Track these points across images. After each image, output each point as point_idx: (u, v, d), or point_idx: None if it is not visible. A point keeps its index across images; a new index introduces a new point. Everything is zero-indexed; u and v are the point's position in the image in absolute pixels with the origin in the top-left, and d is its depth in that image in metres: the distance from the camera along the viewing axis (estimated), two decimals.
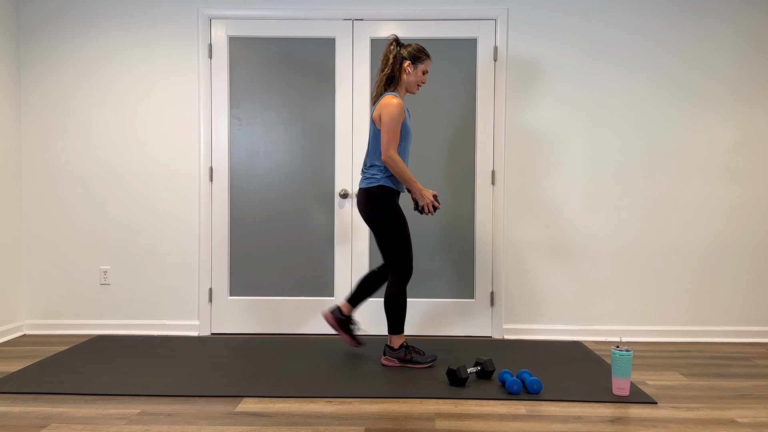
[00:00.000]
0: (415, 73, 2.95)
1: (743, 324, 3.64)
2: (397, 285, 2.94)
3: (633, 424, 2.29)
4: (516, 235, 3.66)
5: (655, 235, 3.63)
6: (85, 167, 3.69)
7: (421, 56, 2.94)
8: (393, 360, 3.00)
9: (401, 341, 3.00)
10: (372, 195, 2.91)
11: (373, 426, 2.26)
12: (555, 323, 3.67)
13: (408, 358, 2.98)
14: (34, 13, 3.66)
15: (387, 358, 3.01)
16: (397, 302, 2.95)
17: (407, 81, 2.95)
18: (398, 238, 2.90)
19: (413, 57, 2.93)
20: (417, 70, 2.95)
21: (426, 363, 2.98)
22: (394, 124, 2.82)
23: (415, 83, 2.97)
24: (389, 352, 3.00)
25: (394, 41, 2.96)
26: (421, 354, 3.00)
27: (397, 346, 2.99)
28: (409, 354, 2.98)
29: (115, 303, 3.72)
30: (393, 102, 2.84)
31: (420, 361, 2.97)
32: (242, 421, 2.30)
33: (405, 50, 2.94)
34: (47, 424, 2.27)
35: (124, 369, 2.94)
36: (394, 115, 2.82)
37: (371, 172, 2.95)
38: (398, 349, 2.99)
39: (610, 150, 3.63)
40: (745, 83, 3.59)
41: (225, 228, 3.69)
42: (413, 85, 2.97)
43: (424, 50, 2.96)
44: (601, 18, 3.60)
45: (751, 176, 3.61)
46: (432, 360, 2.99)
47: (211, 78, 3.66)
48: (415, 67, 2.94)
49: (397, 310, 2.95)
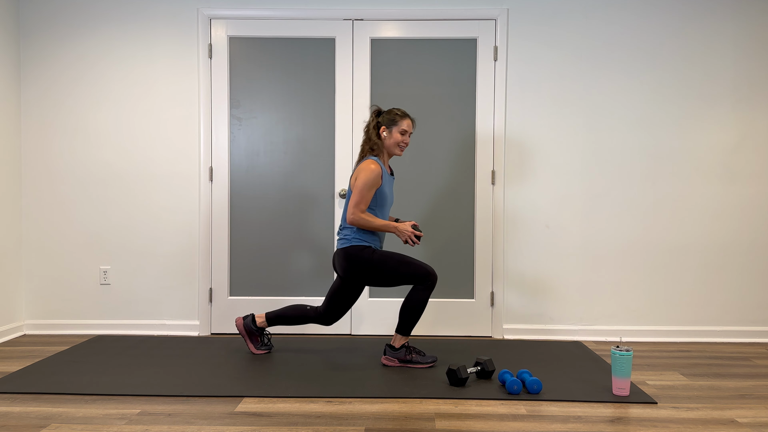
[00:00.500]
0: (391, 136, 2.98)
1: (743, 324, 3.64)
2: (424, 292, 2.94)
3: (633, 424, 2.29)
4: (516, 236, 3.66)
5: (655, 235, 3.63)
6: (85, 167, 3.69)
7: (395, 119, 2.97)
8: (393, 360, 3.00)
9: (403, 342, 3.00)
10: (348, 254, 2.96)
11: (373, 426, 2.26)
12: (555, 323, 3.67)
13: (408, 358, 2.98)
14: (34, 12, 3.66)
15: (387, 358, 3.01)
16: (417, 307, 2.95)
17: (387, 145, 2.99)
18: (396, 269, 2.92)
19: (387, 121, 2.98)
20: (392, 132, 2.98)
21: (426, 363, 2.98)
22: (366, 188, 2.88)
23: (395, 144, 2.99)
24: (390, 351, 3.01)
25: (375, 113, 3.04)
26: (422, 354, 3.00)
27: (398, 345, 3.00)
28: (409, 354, 2.99)
29: (115, 303, 3.72)
30: (370, 167, 2.89)
31: (420, 361, 2.98)
32: (242, 421, 2.30)
33: (382, 117, 3.00)
34: (47, 424, 2.27)
35: (124, 369, 2.94)
36: (368, 180, 2.87)
37: (344, 233, 3.00)
38: (399, 349, 3.00)
39: (610, 150, 3.63)
40: (746, 83, 3.59)
41: (225, 228, 3.69)
42: (394, 147, 2.99)
43: (399, 112, 2.99)
44: (601, 18, 3.60)
45: (751, 176, 3.61)
46: (432, 361, 2.99)
47: (211, 78, 3.66)
48: (390, 131, 2.98)
49: (415, 314, 2.96)
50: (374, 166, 2.90)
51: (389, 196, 3.01)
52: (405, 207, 3.67)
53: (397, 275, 2.93)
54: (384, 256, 2.95)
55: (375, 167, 2.89)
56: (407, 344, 3.01)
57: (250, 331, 3.20)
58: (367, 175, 2.87)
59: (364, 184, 2.87)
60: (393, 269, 2.93)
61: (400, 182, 3.67)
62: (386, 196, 2.98)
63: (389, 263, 2.93)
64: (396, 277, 2.94)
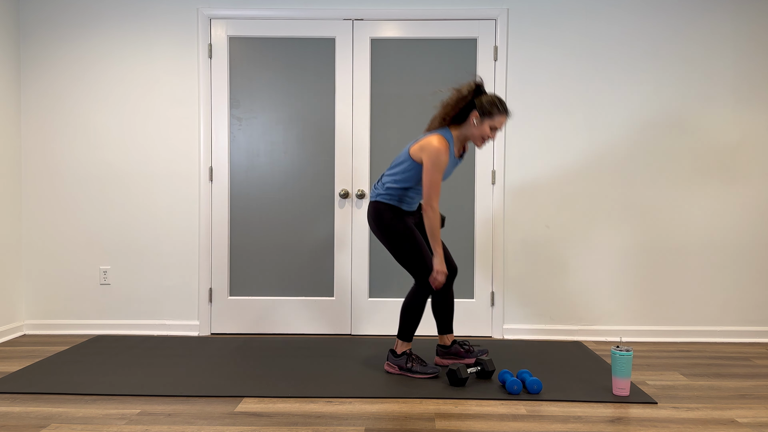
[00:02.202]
0: (480, 128, 2.69)
1: (743, 324, 3.64)
2: (422, 293, 2.82)
3: (633, 424, 2.29)
4: (516, 235, 3.66)
5: (655, 235, 3.63)
6: (85, 167, 3.69)
7: (492, 111, 2.67)
8: (394, 367, 2.88)
9: (405, 348, 2.88)
10: (376, 209, 2.83)
11: (373, 426, 2.26)
12: (555, 323, 3.67)
13: (408, 366, 2.83)
14: (34, 13, 3.66)
15: (389, 364, 2.90)
16: (412, 310, 2.82)
17: (469, 131, 2.73)
18: (410, 249, 2.78)
19: (483, 109, 2.67)
20: (484, 124, 2.69)
21: (426, 374, 2.81)
22: (435, 172, 2.63)
23: (479, 136, 2.71)
24: (391, 357, 2.89)
25: (477, 86, 2.70)
26: (423, 364, 2.84)
27: (399, 352, 2.88)
28: (409, 362, 2.83)
29: (115, 303, 3.72)
30: (434, 147, 2.62)
31: (420, 371, 2.81)
32: (242, 421, 2.30)
33: (482, 98, 2.69)
34: (47, 424, 2.26)
35: (124, 369, 2.94)
36: (436, 163, 2.62)
37: (385, 189, 2.81)
38: (400, 356, 2.87)
39: (610, 149, 3.62)
40: (746, 83, 3.59)
41: (225, 228, 3.69)
42: (476, 138, 2.72)
43: (498, 105, 2.67)
44: (601, 18, 3.60)
45: (751, 176, 3.61)
46: (433, 372, 2.81)
47: (211, 78, 3.66)
48: (481, 121, 2.68)
49: (411, 317, 2.83)
50: (439, 144, 2.61)
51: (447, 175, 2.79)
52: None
53: (405, 252, 2.77)
54: (404, 230, 2.77)
55: (443, 147, 2.61)
56: (409, 351, 2.87)
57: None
58: (435, 156, 2.61)
59: (432, 166, 2.61)
60: (406, 243, 2.76)
61: None
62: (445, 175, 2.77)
63: (409, 235, 2.76)
64: (403, 253, 2.77)
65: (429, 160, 2.64)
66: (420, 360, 2.86)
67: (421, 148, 2.69)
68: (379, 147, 3.67)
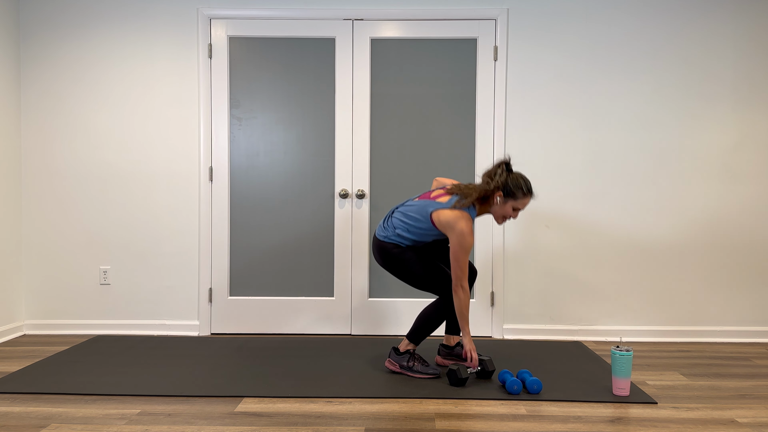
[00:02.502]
0: (502, 207, 2.71)
1: (743, 324, 3.64)
2: (442, 307, 2.82)
3: (633, 424, 2.29)
4: (516, 236, 3.66)
5: (655, 235, 3.63)
6: (85, 167, 3.69)
7: (516, 193, 2.68)
8: (395, 364, 2.89)
9: (409, 348, 2.88)
10: (384, 248, 2.83)
11: (373, 426, 2.26)
12: (555, 323, 3.67)
13: (409, 365, 2.84)
14: (34, 13, 3.66)
15: (390, 361, 2.91)
16: (431, 320, 2.83)
17: (492, 208, 2.75)
18: (423, 271, 2.79)
19: (508, 190, 2.68)
20: (507, 204, 2.70)
21: (427, 374, 2.81)
22: (463, 254, 2.63)
23: (500, 215, 2.74)
24: (393, 355, 2.90)
25: (504, 164, 2.72)
26: (425, 364, 2.85)
27: (403, 350, 2.88)
28: (411, 361, 2.84)
29: (115, 303, 3.72)
30: (463, 231, 2.61)
31: (420, 371, 2.82)
32: (242, 421, 2.30)
33: (504, 179, 2.69)
34: (47, 424, 2.26)
35: (124, 369, 2.94)
36: (465, 246, 2.62)
37: (396, 234, 2.82)
38: (403, 354, 2.87)
39: (610, 150, 3.63)
40: (745, 83, 3.59)
41: (225, 228, 3.69)
42: (498, 216, 2.75)
43: (523, 188, 2.69)
44: (601, 18, 3.60)
45: (751, 176, 3.61)
46: (434, 373, 2.81)
47: (211, 78, 3.66)
48: (505, 201, 2.70)
49: (428, 326, 2.84)
50: (467, 228, 2.62)
51: None
52: None
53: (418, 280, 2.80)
54: (411, 257, 2.79)
55: (468, 230, 2.62)
56: (412, 351, 2.88)
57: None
58: (462, 239, 2.61)
59: (461, 248, 2.62)
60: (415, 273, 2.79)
61: (401, 182, 3.67)
62: None
63: (415, 260, 2.78)
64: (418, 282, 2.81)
65: (458, 244, 2.63)
66: (422, 360, 2.87)
67: (449, 227, 2.66)
68: (379, 147, 3.67)
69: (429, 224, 2.74)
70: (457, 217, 2.64)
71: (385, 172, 3.67)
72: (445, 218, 2.67)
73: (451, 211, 2.68)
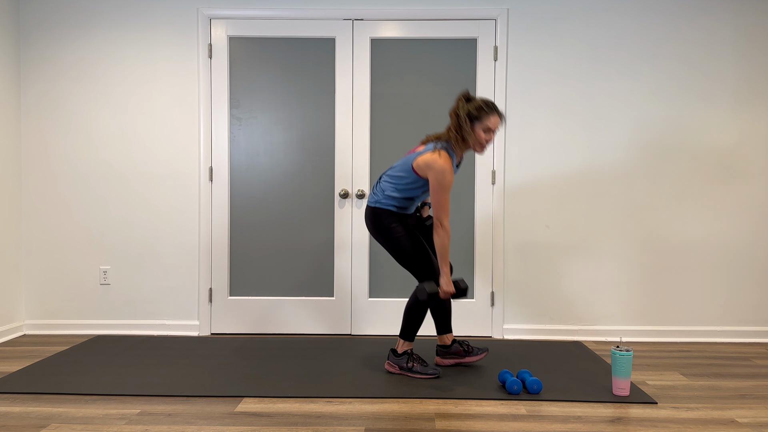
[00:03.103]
0: (476, 134, 2.68)
1: (743, 324, 3.64)
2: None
3: (633, 424, 2.29)
4: (516, 235, 3.66)
5: (655, 235, 3.63)
6: (85, 167, 3.69)
7: (479, 114, 2.66)
8: (394, 366, 2.89)
9: (407, 348, 2.88)
10: (376, 215, 2.84)
11: (373, 426, 2.26)
12: (555, 323, 3.67)
13: (408, 366, 2.84)
14: (34, 13, 3.66)
15: (389, 363, 2.91)
16: (416, 310, 2.84)
17: (469, 140, 2.71)
18: (412, 251, 2.81)
19: (471, 116, 2.67)
20: (478, 129, 2.68)
21: (427, 375, 2.81)
22: (443, 192, 2.64)
23: (477, 143, 2.71)
24: (392, 357, 2.90)
25: (463, 98, 2.72)
26: (424, 365, 2.84)
27: (401, 351, 2.88)
28: (410, 362, 2.84)
29: (115, 303, 3.72)
30: (440, 167, 2.62)
31: (420, 371, 2.82)
32: (242, 421, 2.30)
33: (467, 105, 2.69)
34: (47, 424, 2.27)
35: (124, 369, 2.94)
36: (444, 184, 2.63)
37: (385, 196, 2.83)
38: (401, 356, 2.87)
39: (610, 149, 3.63)
40: (745, 83, 3.59)
41: (225, 228, 3.69)
42: (476, 145, 2.72)
43: (485, 107, 2.67)
44: (601, 18, 3.60)
45: (751, 176, 3.61)
46: (434, 373, 2.81)
47: (211, 78, 3.66)
48: (472, 126, 2.67)
49: (414, 317, 2.84)
50: (445, 163, 2.62)
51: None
52: None
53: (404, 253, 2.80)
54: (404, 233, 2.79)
55: (448, 166, 2.62)
56: (410, 351, 2.87)
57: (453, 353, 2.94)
58: (439, 177, 2.62)
59: (440, 186, 2.63)
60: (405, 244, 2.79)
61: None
62: None
63: (407, 236, 2.79)
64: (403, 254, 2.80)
65: (437, 181, 2.64)
66: (421, 360, 2.87)
67: (428, 167, 2.67)
68: (379, 147, 3.67)
69: (413, 175, 2.75)
70: (434, 157, 2.66)
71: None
72: (423, 161, 2.69)
73: (429, 153, 2.70)
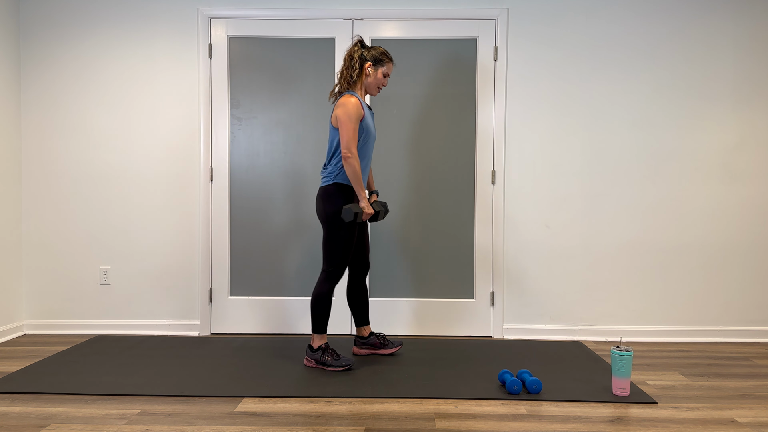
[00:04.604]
0: (374, 75, 2.97)
1: (743, 324, 3.64)
2: (327, 284, 2.94)
3: (633, 424, 2.29)
4: (516, 235, 3.66)
5: (655, 235, 3.63)
6: (85, 167, 3.69)
7: (383, 59, 2.97)
8: (311, 361, 2.97)
9: (321, 342, 2.96)
10: (327, 192, 2.93)
11: (373, 426, 2.26)
12: (555, 323, 3.67)
13: (323, 360, 2.93)
14: (34, 12, 3.66)
15: (307, 359, 3.00)
16: (322, 301, 2.94)
17: (367, 82, 2.97)
18: (343, 236, 2.92)
19: (375, 59, 2.96)
20: (377, 72, 2.97)
21: (339, 367, 2.91)
22: (351, 121, 2.83)
23: (375, 85, 2.98)
24: (309, 352, 2.99)
25: (359, 42, 2.98)
26: (337, 357, 2.93)
27: (316, 346, 2.96)
28: (325, 356, 2.93)
29: (115, 303, 3.72)
30: (350, 101, 2.85)
31: (333, 364, 2.92)
32: (242, 421, 2.30)
33: (368, 52, 2.97)
34: (47, 424, 2.27)
35: (124, 369, 2.94)
36: (351, 114, 2.83)
37: (327, 170, 2.96)
38: (316, 350, 2.96)
39: (610, 150, 3.63)
40: (746, 83, 3.59)
41: (225, 228, 3.69)
42: (373, 87, 2.99)
43: (387, 54, 2.99)
44: (601, 18, 3.60)
45: (751, 176, 3.62)
46: (346, 364, 2.92)
47: (211, 78, 3.66)
48: (375, 69, 2.96)
49: (322, 309, 2.94)
50: (353, 99, 2.86)
51: (372, 130, 2.97)
52: (405, 206, 3.67)
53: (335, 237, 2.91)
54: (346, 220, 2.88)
55: (354, 100, 2.86)
56: (325, 345, 2.96)
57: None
58: (349, 108, 2.84)
59: (348, 118, 2.83)
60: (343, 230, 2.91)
61: (401, 181, 3.67)
62: (369, 130, 2.94)
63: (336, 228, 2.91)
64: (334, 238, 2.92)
65: (343, 113, 2.84)
66: (334, 353, 2.96)
67: (337, 109, 2.87)
68: (378, 147, 3.67)
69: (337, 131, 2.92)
70: (343, 98, 2.89)
71: (384, 172, 3.67)
72: (334, 111, 2.89)
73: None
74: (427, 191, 3.67)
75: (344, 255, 2.94)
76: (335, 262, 2.94)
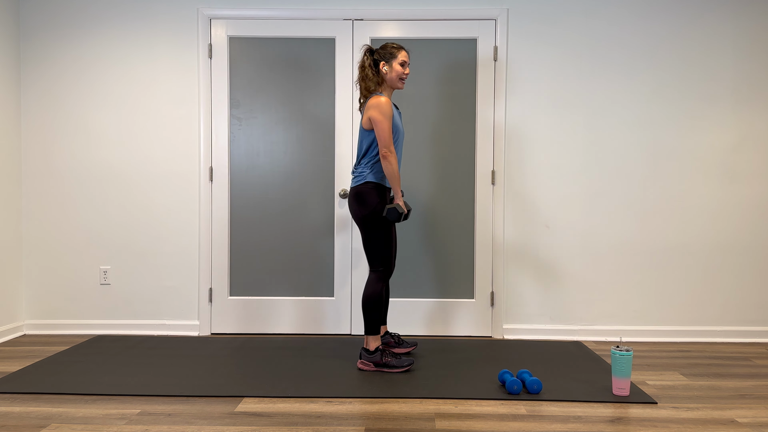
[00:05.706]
0: (392, 70, 2.94)
1: (743, 324, 3.64)
2: (379, 283, 2.93)
3: (633, 424, 2.29)
4: (516, 235, 3.66)
5: (655, 235, 3.63)
6: (85, 167, 3.69)
7: (392, 52, 2.94)
8: (369, 364, 2.92)
9: (377, 344, 2.93)
10: (360, 192, 2.92)
11: (373, 426, 2.26)
12: (555, 323, 3.67)
13: (383, 362, 2.90)
14: (34, 13, 3.66)
15: (362, 362, 2.94)
16: (374, 302, 2.91)
17: (388, 79, 2.95)
18: (382, 235, 2.91)
19: (386, 56, 2.94)
20: (393, 65, 2.94)
21: (402, 367, 2.90)
22: (387, 121, 2.83)
23: (397, 79, 2.95)
24: (365, 355, 2.93)
25: (367, 51, 2.97)
26: (397, 357, 2.93)
27: (372, 348, 2.92)
28: (384, 357, 2.91)
29: (115, 303, 3.72)
30: (380, 101, 2.85)
31: (395, 365, 2.90)
32: (242, 421, 2.30)
33: (378, 54, 2.95)
34: (47, 424, 2.27)
35: (124, 369, 2.94)
36: (385, 112, 2.83)
37: (358, 170, 2.96)
38: (374, 352, 2.91)
39: (610, 150, 3.63)
40: (746, 83, 3.59)
41: (225, 228, 3.69)
42: (395, 81, 2.96)
43: (395, 45, 2.97)
44: (601, 18, 3.60)
45: (751, 176, 3.62)
46: (408, 364, 2.91)
47: (211, 78, 3.66)
48: (390, 65, 2.94)
49: (375, 310, 2.92)
50: (383, 98, 2.86)
51: (401, 128, 2.98)
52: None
53: (375, 236, 2.92)
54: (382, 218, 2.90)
55: (385, 99, 2.86)
56: (382, 347, 2.94)
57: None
58: (383, 107, 2.83)
59: (384, 117, 2.83)
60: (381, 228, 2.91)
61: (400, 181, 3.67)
62: (399, 129, 2.95)
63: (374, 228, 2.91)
64: (374, 237, 2.92)
65: (377, 113, 2.84)
66: (394, 354, 2.95)
67: (369, 111, 2.87)
68: None
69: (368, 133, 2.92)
70: (372, 100, 2.89)
71: None
72: (366, 113, 2.90)
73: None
74: (427, 191, 3.67)
75: (387, 251, 2.95)
76: (381, 260, 2.94)
